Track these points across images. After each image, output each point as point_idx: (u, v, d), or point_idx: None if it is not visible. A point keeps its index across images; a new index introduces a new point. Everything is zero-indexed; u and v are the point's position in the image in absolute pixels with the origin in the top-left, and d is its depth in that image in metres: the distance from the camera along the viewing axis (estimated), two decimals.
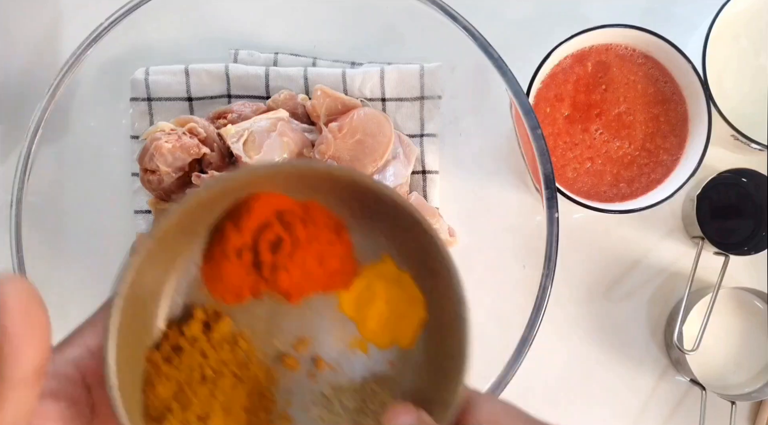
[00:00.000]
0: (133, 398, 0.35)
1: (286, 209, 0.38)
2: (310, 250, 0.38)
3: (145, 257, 0.34)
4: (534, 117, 0.54)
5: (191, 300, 0.38)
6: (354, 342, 0.40)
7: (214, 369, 0.37)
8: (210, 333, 0.38)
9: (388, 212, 0.37)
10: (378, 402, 0.39)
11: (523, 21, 0.69)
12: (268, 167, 0.37)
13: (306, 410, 0.40)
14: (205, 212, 0.37)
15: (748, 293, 0.66)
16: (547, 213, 0.54)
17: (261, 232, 0.38)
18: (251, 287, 0.39)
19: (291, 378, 0.39)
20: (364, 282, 0.40)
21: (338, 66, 0.66)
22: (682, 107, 0.63)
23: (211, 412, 0.36)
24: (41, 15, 0.69)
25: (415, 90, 0.64)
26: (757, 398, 0.65)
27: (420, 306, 0.39)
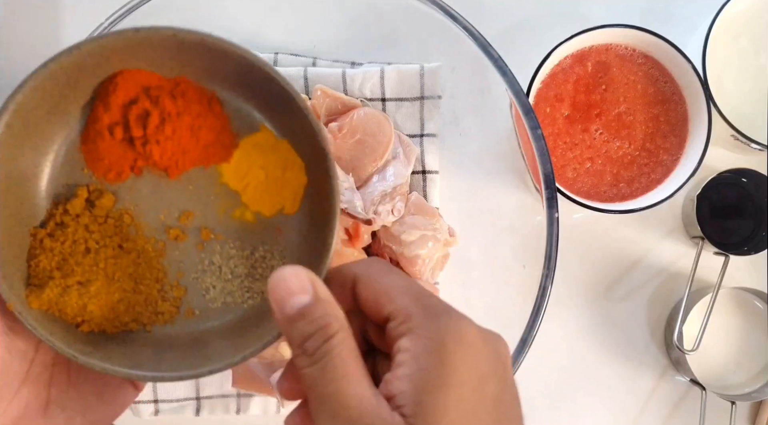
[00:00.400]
0: (17, 269, 0.38)
1: (154, 84, 0.40)
2: (180, 123, 0.40)
3: (5, 130, 0.37)
4: (534, 117, 0.54)
5: (75, 181, 0.41)
6: (239, 211, 0.42)
7: (98, 242, 0.40)
8: (94, 209, 0.40)
9: (260, 84, 0.39)
10: (267, 266, 0.42)
11: (523, 21, 0.69)
12: (116, 33, 0.38)
13: (197, 278, 0.42)
14: (68, 90, 0.39)
15: (748, 293, 0.66)
16: (547, 213, 0.54)
17: (129, 108, 0.40)
18: (130, 163, 0.41)
19: (180, 249, 0.42)
20: (244, 153, 0.42)
21: (338, 66, 0.66)
22: (682, 107, 0.63)
23: (93, 279, 0.39)
24: (41, 15, 0.69)
25: (415, 90, 0.64)
26: (757, 398, 0.65)
27: (300, 171, 0.41)
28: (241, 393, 0.64)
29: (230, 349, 0.39)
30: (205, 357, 0.39)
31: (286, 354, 0.58)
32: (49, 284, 0.38)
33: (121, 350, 0.39)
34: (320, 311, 0.32)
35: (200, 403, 0.64)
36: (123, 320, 0.40)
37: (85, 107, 0.41)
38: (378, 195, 0.59)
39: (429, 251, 0.59)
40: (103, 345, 0.39)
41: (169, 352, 0.40)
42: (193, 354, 0.40)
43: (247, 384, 0.61)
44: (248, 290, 0.42)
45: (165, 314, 0.41)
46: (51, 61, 0.38)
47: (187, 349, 0.41)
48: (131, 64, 0.39)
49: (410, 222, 0.59)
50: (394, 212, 0.59)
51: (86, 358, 0.38)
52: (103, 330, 0.40)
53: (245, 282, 0.42)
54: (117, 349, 0.39)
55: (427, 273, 0.60)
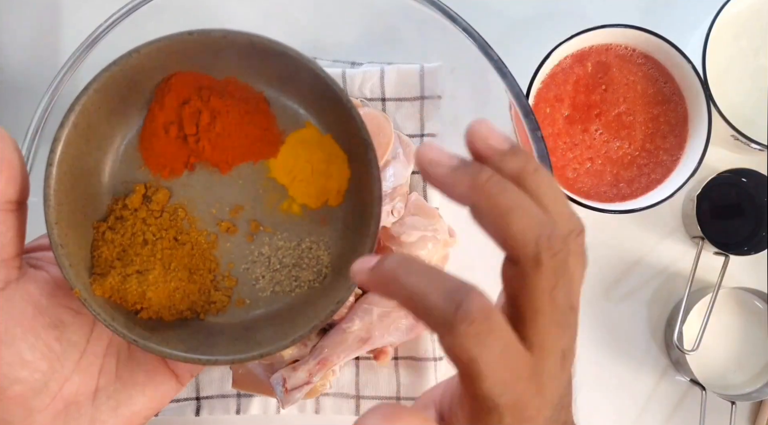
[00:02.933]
0: (82, 259, 0.41)
1: (205, 85, 0.43)
2: (229, 120, 0.43)
3: (71, 129, 0.40)
4: (534, 119, 0.54)
5: (133, 178, 0.44)
6: (287, 204, 0.44)
7: (154, 234, 0.42)
8: (150, 204, 0.43)
9: (307, 82, 0.42)
10: (313, 256, 0.44)
11: (523, 21, 0.69)
12: (171, 36, 0.41)
13: (248, 269, 0.44)
14: (128, 92, 0.42)
15: (748, 293, 0.66)
16: None
17: (183, 107, 0.43)
18: (184, 160, 0.44)
19: (231, 241, 0.44)
20: (290, 148, 0.44)
21: (338, 66, 0.66)
22: (682, 107, 0.63)
23: (151, 268, 0.41)
24: (41, 15, 0.69)
25: (415, 90, 0.64)
26: (757, 398, 0.65)
27: (344, 165, 0.44)
28: (241, 393, 0.64)
29: (279, 334, 0.42)
30: (255, 342, 0.42)
31: (285, 354, 0.59)
32: (110, 273, 0.41)
33: (177, 335, 0.42)
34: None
35: (200, 403, 0.64)
36: (179, 308, 0.43)
37: (142, 108, 0.43)
38: None
39: (429, 252, 0.59)
40: (160, 331, 0.42)
41: (221, 337, 0.43)
42: (244, 339, 0.42)
43: (247, 384, 0.61)
44: (296, 279, 0.44)
45: (217, 303, 0.44)
46: (113, 64, 0.40)
47: (237, 335, 0.43)
48: (185, 66, 0.42)
49: (410, 223, 0.59)
50: (394, 213, 0.59)
51: (145, 342, 0.40)
52: (161, 317, 0.42)
53: (293, 272, 0.44)
54: (173, 334, 0.42)
55: None
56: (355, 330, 0.58)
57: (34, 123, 0.58)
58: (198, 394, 0.64)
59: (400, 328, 0.59)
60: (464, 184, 0.33)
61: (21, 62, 0.69)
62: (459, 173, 0.33)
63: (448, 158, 0.34)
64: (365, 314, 0.58)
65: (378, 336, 0.58)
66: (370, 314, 0.58)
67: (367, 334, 0.58)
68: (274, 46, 0.41)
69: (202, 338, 0.42)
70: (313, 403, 0.64)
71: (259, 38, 0.41)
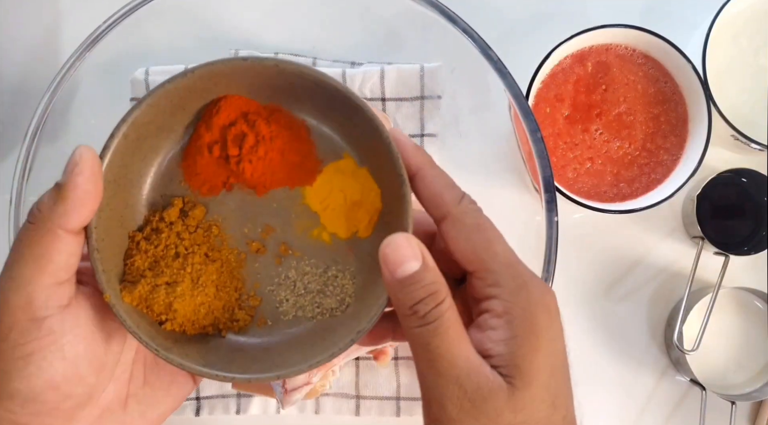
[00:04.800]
0: (115, 266, 0.42)
1: (252, 110, 0.44)
2: (272, 146, 0.44)
3: (121, 140, 0.41)
4: (533, 120, 0.54)
5: (173, 192, 0.45)
6: (317, 231, 0.45)
7: (187, 248, 0.43)
8: (186, 219, 0.44)
9: (349, 114, 0.42)
10: (338, 285, 0.45)
11: (523, 21, 0.69)
12: (226, 60, 0.42)
13: (273, 291, 0.45)
14: (178, 110, 0.43)
15: (748, 293, 0.66)
16: (547, 216, 0.54)
17: (228, 129, 0.44)
18: (223, 179, 0.45)
19: (259, 262, 0.45)
20: (326, 178, 0.45)
21: (338, 66, 0.66)
22: (682, 107, 0.63)
23: (180, 281, 0.42)
24: (41, 15, 0.69)
25: (415, 90, 0.64)
26: (757, 398, 0.65)
27: (377, 198, 0.44)
28: (241, 393, 0.64)
29: (298, 357, 0.42)
30: (272, 363, 0.42)
31: None
32: (140, 282, 0.41)
33: (197, 349, 0.43)
34: (430, 277, 0.35)
35: (200, 403, 0.64)
36: (202, 323, 0.43)
37: (189, 126, 0.44)
38: None
39: None
40: (181, 344, 0.42)
41: (240, 355, 0.43)
42: (262, 360, 0.43)
43: (247, 384, 0.61)
44: (318, 306, 0.44)
45: (240, 321, 0.44)
46: (168, 82, 0.41)
47: (257, 354, 0.44)
48: (233, 90, 0.43)
49: None
50: None
51: (166, 353, 0.41)
52: (184, 330, 0.43)
53: (316, 298, 0.45)
54: (193, 348, 0.42)
55: None
56: None
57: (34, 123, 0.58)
58: (198, 394, 0.64)
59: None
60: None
61: (21, 62, 0.69)
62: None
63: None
64: None
65: None
66: None
67: None
68: (322, 77, 0.42)
69: (222, 354, 0.43)
70: (313, 404, 0.64)
71: (308, 70, 0.42)
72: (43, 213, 0.37)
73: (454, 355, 0.35)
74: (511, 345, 0.35)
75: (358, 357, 0.63)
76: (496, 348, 0.36)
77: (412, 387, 0.63)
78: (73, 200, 0.37)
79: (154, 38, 0.66)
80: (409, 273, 0.35)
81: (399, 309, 0.36)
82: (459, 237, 0.38)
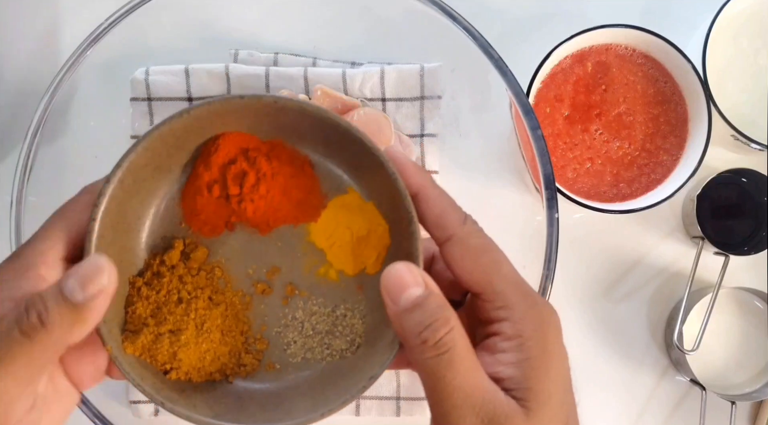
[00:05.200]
0: (116, 315, 0.40)
1: (252, 146, 0.42)
2: (274, 183, 0.42)
3: (117, 185, 0.39)
4: (534, 118, 0.54)
5: (173, 234, 0.43)
6: (324, 269, 0.43)
7: (189, 293, 0.41)
8: (188, 261, 0.42)
9: (352, 148, 0.41)
10: (347, 324, 0.43)
11: (523, 21, 0.69)
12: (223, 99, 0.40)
13: (280, 333, 0.43)
14: (174, 150, 0.41)
15: (748, 293, 0.66)
16: (547, 214, 0.54)
17: (228, 167, 0.42)
18: (225, 219, 0.43)
19: (265, 303, 0.43)
20: (331, 213, 0.43)
21: (338, 66, 0.66)
22: (682, 107, 0.63)
23: (184, 328, 0.40)
24: (41, 15, 0.69)
25: (415, 90, 0.64)
26: (757, 398, 0.65)
27: (384, 233, 0.42)
28: None
29: (309, 404, 0.40)
30: (284, 411, 0.40)
31: None
32: (143, 331, 0.40)
33: (204, 398, 0.41)
34: (435, 302, 0.34)
35: None
36: (208, 370, 0.42)
37: (187, 165, 0.43)
38: None
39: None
40: (188, 393, 0.40)
41: (250, 403, 0.41)
42: (273, 407, 0.41)
43: None
44: (328, 347, 0.43)
45: (247, 366, 0.43)
46: (163, 124, 0.40)
47: (266, 401, 0.42)
48: (232, 126, 0.42)
49: None
50: None
51: (172, 405, 0.39)
52: (189, 378, 0.41)
53: (325, 339, 0.43)
54: (200, 397, 0.41)
55: None
56: None
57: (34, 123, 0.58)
58: None
59: None
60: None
61: (21, 62, 0.69)
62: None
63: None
64: None
65: None
66: None
67: None
68: (323, 114, 0.40)
69: (231, 402, 0.41)
70: None
71: (309, 106, 0.40)
72: (47, 329, 0.32)
73: (470, 385, 0.34)
74: (523, 367, 0.35)
75: None
76: (506, 370, 0.35)
77: (412, 387, 0.63)
78: (93, 322, 0.34)
79: (154, 38, 0.65)
80: (413, 299, 0.34)
81: (407, 341, 0.35)
82: (465, 259, 0.37)
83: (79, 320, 0.33)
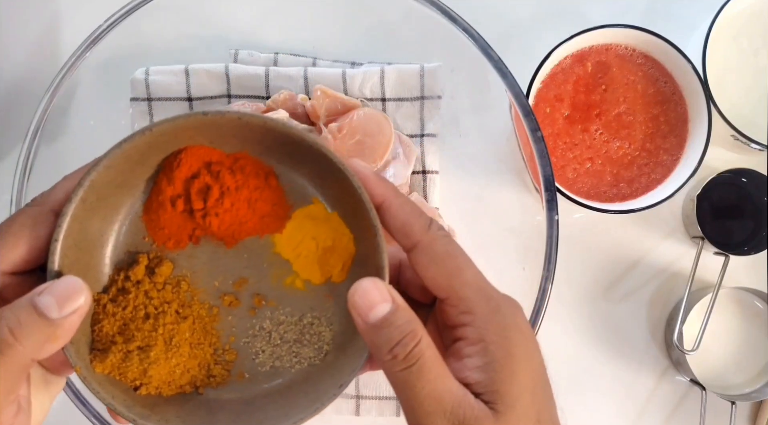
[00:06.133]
0: (83, 334, 0.39)
1: (215, 159, 0.42)
2: (238, 196, 0.42)
3: (79, 204, 0.39)
4: (534, 119, 0.54)
5: (137, 249, 0.43)
6: (290, 279, 0.44)
7: (156, 308, 0.41)
8: (153, 276, 0.42)
9: (317, 161, 0.41)
10: (315, 332, 0.43)
11: (523, 21, 0.69)
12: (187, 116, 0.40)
13: (248, 343, 0.44)
14: (137, 166, 0.41)
15: (748, 293, 0.66)
16: (547, 215, 0.54)
17: (191, 182, 0.42)
18: (189, 233, 0.43)
19: (233, 315, 0.44)
20: (296, 224, 0.44)
21: (338, 66, 0.66)
22: (682, 107, 0.63)
23: (153, 344, 0.40)
24: (41, 15, 0.69)
25: (415, 90, 0.64)
26: (757, 398, 0.65)
27: (349, 243, 0.43)
28: None
29: (280, 413, 0.41)
30: (256, 421, 0.41)
31: None
32: (112, 349, 0.40)
33: (176, 411, 0.41)
34: (404, 317, 0.35)
35: None
36: (178, 383, 0.42)
37: (150, 179, 0.43)
38: None
39: None
40: (159, 408, 0.40)
41: (221, 413, 0.42)
42: (245, 416, 0.41)
43: None
44: (296, 355, 0.43)
45: (217, 377, 0.43)
46: (125, 142, 0.39)
47: (238, 411, 0.42)
48: (196, 140, 0.42)
49: None
50: None
51: (144, 421, 0.39)
52: (160, 392, 0.41)
53: (293, 348, 0.43)
54: (172, 410, 0.41)
55: None
56: None
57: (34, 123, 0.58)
58: None
59: None
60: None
61: (21, 62, 0.69)
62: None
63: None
64: None
65: None
66: None
67: None
68: (287, 130, 0.40)
69: (203, 414, 0.41)
70: None
71: (272, 122, 0.40)
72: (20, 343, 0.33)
73: (440, 392, 0.35)
74: (488, 370, 0.35)
75: None
76: (474, 375, 0.36)
77: None
78: (64, 340, 0.35)
79: (154, 38, 0.65)
80: (381, 316, 0.35)
81: (378, 355, 0.35)
82: (429, 266, 0.37)
83: (53, 336, 0.34)
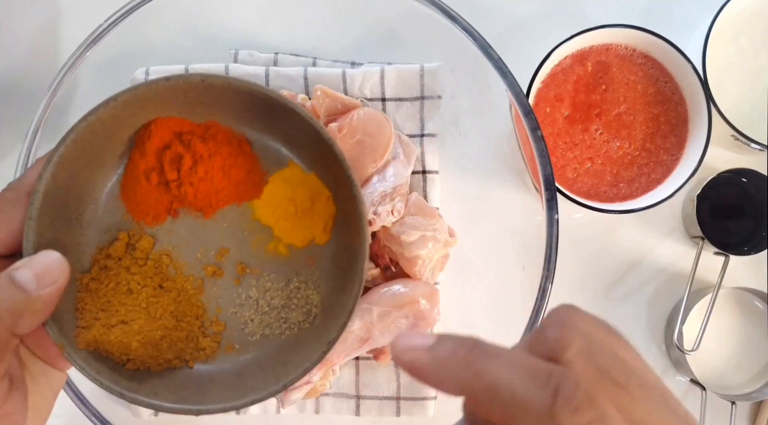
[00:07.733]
0: (65, 312, 0.39)
1: (186, 129, 0.42)
2: (212, 164, 0.42)
3: (51, 181, 0.38)
4: (534, 119, 0.54)
5: (117, 227, 0.43)
6: (273, 245, 0.44)
7: (139, 283, 0.41)
8: (134, 252, 0.42)
9: (286, 120, 0.41)
10: (302, 296, 0.43)
11: (523, 21, 0.69)
12: (148, 83, 0.40)
13: (236, 313, 0.43)
14: (106, 141, 0.41)
15: (748, 293, 0.66)
16: (547, 215, 0.54)
17: (163, 153, 0.42)
18: (166, 206, 0.43)
19: (218, 285, 0.43)
20: (274, 188, 0.44)
21: (338, 66, 0.66)
22: (682, 107, 0.63)
23: (136, 318, 0.40)
24: (41, 15, 0.69)
25: (415, 90, 0.64)
26: (757, 398, 0.65)
27: (328, 201, 0.43)
28: None
29: (270, 378, 0.41)
30: (247, 388, 0.41)
31: None
32: (95, 325, 0.39)
33: (165, 385, 0.41)
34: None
35: None
36: (166, 357, 0.42)
37: (122, 156, 0.43)
38: (378, 196, 0.59)
39: (429, 251, 0.59)
40: (148, 381, 0.41)
41: (212, 385, 0.42)
42: (236, 386, 0.41)
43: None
44: (285, 321, 0.43)
45: (206, 349, 0.43)
46: (89, 114, 0.39)
47: (229, 382, 0.42)
48: (164, 112, 0.41)
49: (410, 223, 0.59)
50: (394, 213, 0.59)
51: (133, 394, 0.39)
52: (148, 367, 0.41)
53: (282, 313, 0.43)
54: (162, 384, 0.41)
55: (427, 274, 0.60)
56: (355, 330, 0.58)
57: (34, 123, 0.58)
58: None
59: (400, 327, 0.59)
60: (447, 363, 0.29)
61: (21, 62, 0.69)
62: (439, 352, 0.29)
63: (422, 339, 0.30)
64: (365, 313, 0.58)
65: (378, 335, 0.58)
66: (370, 314, 0.58)
67: (366, 334, 0.58)
68: (251, 87, 0.40)
69: (193, 387, 0.41)
70: (312, 403, 0.64)
71: (236, 81, 0.40)
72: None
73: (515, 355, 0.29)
74: None
75: (357, 357, 0.63)
76: None
77: (412, 387, 0.63)
78: (46, 312, 0.35)
79: (154, 38, 0.66)
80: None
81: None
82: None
83: (31, 309, 0.34)
